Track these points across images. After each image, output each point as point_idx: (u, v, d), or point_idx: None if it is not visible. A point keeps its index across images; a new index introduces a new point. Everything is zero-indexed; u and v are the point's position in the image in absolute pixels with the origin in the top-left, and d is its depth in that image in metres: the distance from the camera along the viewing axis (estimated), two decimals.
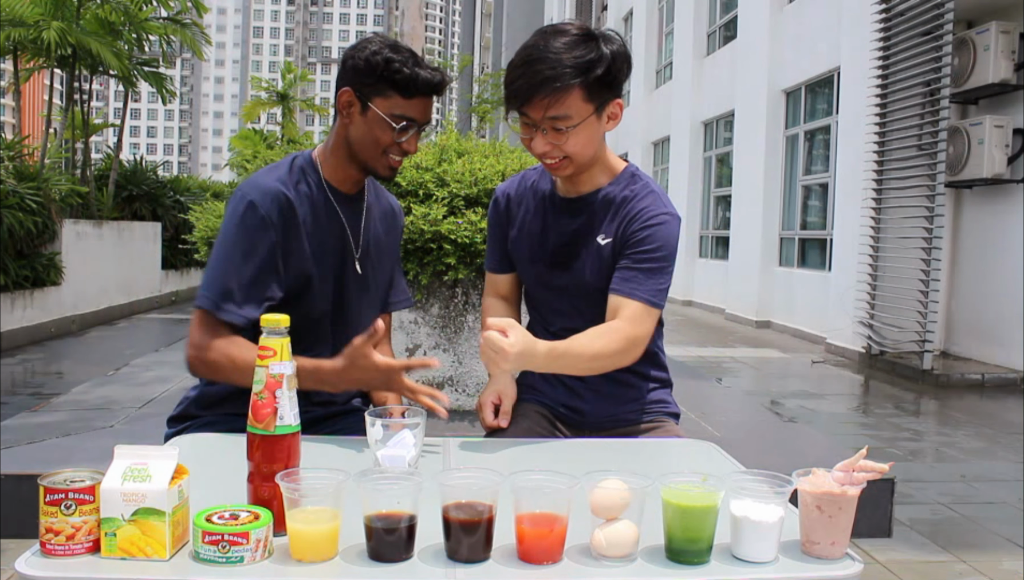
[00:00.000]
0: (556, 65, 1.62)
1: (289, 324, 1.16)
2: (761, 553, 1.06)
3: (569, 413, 1.87)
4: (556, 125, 1.66)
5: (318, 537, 1.02)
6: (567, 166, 1.72)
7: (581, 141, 1.68)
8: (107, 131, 32.17)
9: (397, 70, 1.69)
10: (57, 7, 9.96)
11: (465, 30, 51.57)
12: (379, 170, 1.77)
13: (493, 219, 1.97)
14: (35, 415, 4.24)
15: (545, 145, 1.68)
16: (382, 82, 1.70)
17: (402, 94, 1.70)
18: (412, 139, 1.75)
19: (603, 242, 1.77)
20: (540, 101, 1.64)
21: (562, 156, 1.70)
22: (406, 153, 1.76)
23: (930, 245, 7.05)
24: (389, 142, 1.72)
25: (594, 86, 1.65)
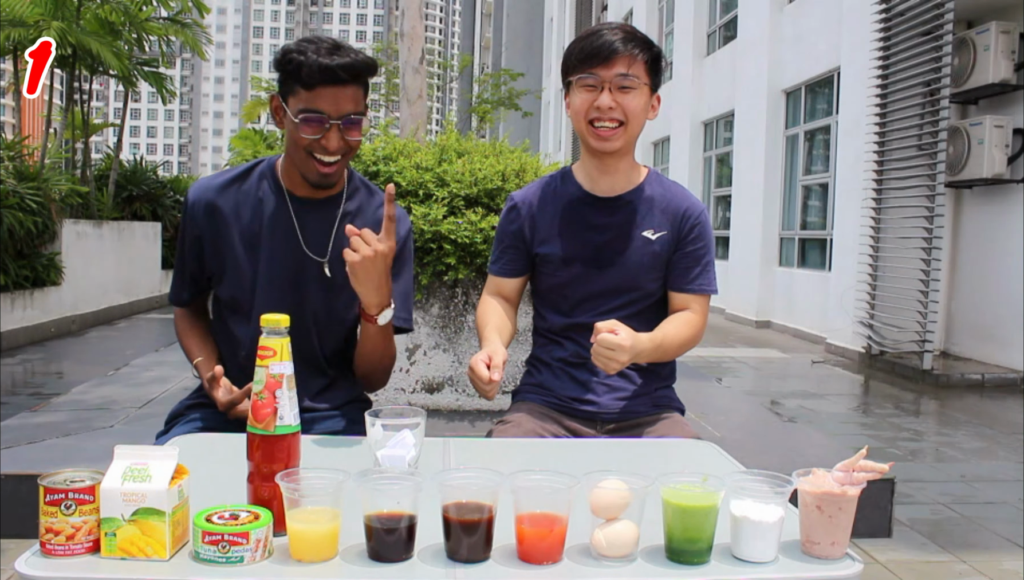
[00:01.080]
0: (633, 35, 1.83)
1: (289, 324, 1.16)
2: (761, 553, 1.06)
3: (582, 406, 1.90)
4: (624, 83, 1.80)
5: (318, 537, 1.02)
6: (619, 135, 1.83)
7: (640, 107, 1.83)
8: (107, 131, 32.16)
9: (292, 61, 1.64)
10: (57, 7, 9.96)
11: (465, 30, 51.54)
12: (309, 175, 1.72)
13: (509, 227, 1.97)
14: (35, 415, 4.24)
15: (611, 101, 1.81)
16: (288, 79, 1.67)
17: (303, 86, 1.64)
18: (330, 135, 1.66)
19: (653, 237, 1.89)
20: (623, 57, 1.79)
21: (620, 120, 1.82)
22: (329, 152, 1.67)
23: (930, 245, 7.05)
24: (306, 142, 1.67)
25: (653, 65, 1.85)
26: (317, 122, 1.65)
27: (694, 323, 1.90)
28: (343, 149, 1.70)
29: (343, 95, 1.65)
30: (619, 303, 1.89)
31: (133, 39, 11.48)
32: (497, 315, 1.93)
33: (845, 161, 8.77)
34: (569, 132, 18.24)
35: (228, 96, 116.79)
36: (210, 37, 13.40)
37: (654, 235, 1.89)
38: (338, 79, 1.63)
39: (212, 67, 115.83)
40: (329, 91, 1.64)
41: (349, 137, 1.69)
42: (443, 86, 57.49)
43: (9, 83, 11.78)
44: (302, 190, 1.78)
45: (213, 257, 1.81)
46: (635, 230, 1.89)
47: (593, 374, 1.88)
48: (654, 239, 1.89)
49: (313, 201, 1.79)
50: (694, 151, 14.28)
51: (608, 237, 1.89)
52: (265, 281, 1.77)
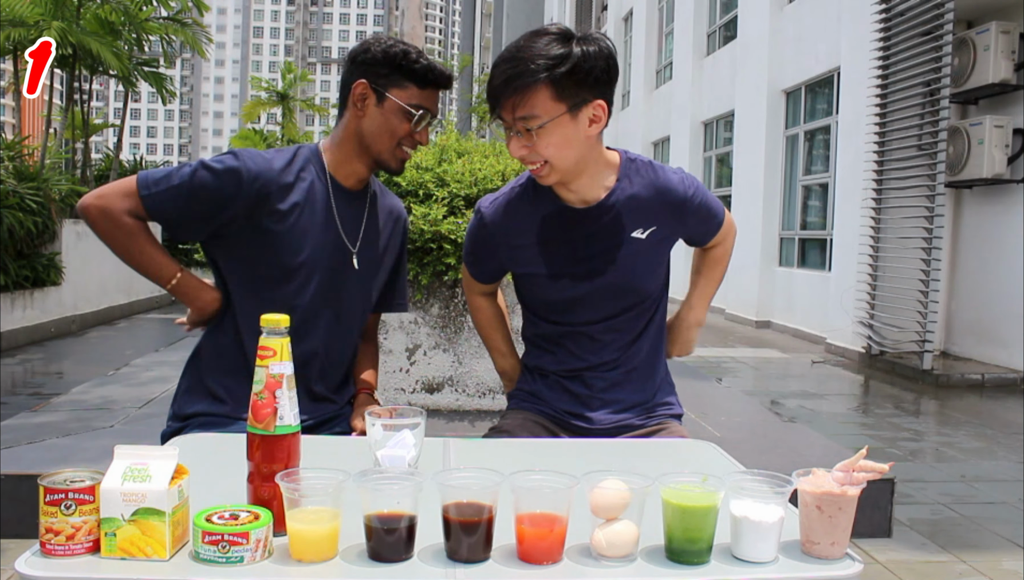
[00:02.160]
0: (522, 63, 1.59)
1: (289, 324, 1.16)
2: (761, 553, 1.06)
3: (575, 420, 1.85)
4: (526, 125, 1.62)
5: (318, 537, 1.02)
6: (549, 173, 1.67)
7: (554, 142, 1.63)
8: (107, 131, 32.19)
9: (414, 60, 1.75)
10: (57, 7, 9.96)
11: (465, 30, 51.53)
12: (391, 162, 1.80)
13: (481, 241, 1.89)
14: (35, 415, 4.24)
15: (520, 148, 1.65)
16: (398, 73, 1.75)
17: (418, 84, 1.76)
18: (425, 131, 1.80)
19: (643, 235, 1.79)
20: (508, 101, 1.62)
21: (541, 160, 1.65)
22: (418, 144, 1.81)
23: (930, 245, 7.05)
24: (405, 132, 1.77)
25: (562, 83, 1.59)
26: (422, 118, 1.78)
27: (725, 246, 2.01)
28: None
29: (438, 98, 1.83)
30: (614, 309, 1.83)
31: (133, 39, 11.48)
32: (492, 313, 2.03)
33: (845, 161, 8.77)
34: None
35: (228, 96, 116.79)
36: (210, 37, 13.41)
37: (644, 233, 1.78)
38: (445, 84, 1.82)
39: (212, 67, 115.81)
40: (436, 93, 1.80)
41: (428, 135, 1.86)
42: None
43: (9, 83, 11.78)
44: (349, 180, 1.84)
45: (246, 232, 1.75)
46: (623, 233, 1.77)
47: (587, 387, 1.84)
48: (644, 237, 1.78)
49: (350, 193, 1.85)
50: (694, 151, 14.28)
51: (595, 247, 1.78)
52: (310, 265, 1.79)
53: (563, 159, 1.65)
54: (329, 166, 1.82)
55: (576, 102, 1.62)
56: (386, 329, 3.70)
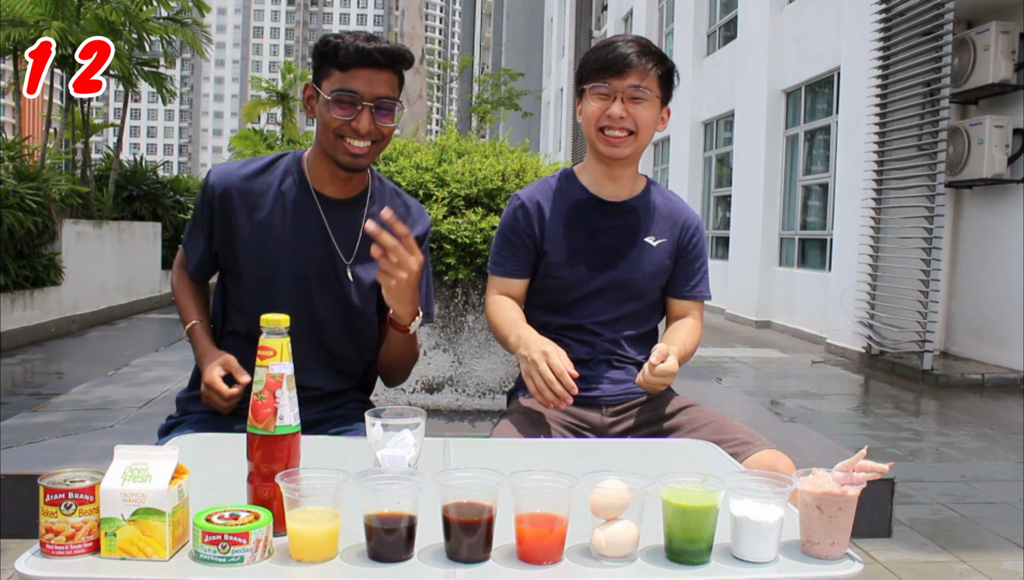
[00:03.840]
0: (648, 49, 1.88)
1: (289, 324, 1.16)
2: (761, 553, 1.06)
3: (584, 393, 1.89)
4: (637, 95, 1.86)
5: (318, 537, 1.02)
6: (629, 143, 1.89)
7: (651, 116, 1.89)
8: (107, 131, 32.18)
9: (329, 43, 1.69)
10: (57, 7, 9.96)
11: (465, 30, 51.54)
12: (338, 157, 1.73)
13: (516, 226, 1.96)
14: (35, 415, 4.24)
15: (622, 111, 1.86)
16: (324, 63, 1.71)
17: (339, 68, 1.68)
18: (362, 117, 1.68)
19: (655, 243, 1.97)
20: (633, 71, 1.84)
21: (630, 130, 1.87)
22: (359, 134, 1.69)
23: (930, 245, 7.05)
24: (337, 123, 1.69)
25: (665, 79, 1.90)
26: (350, 103, 1.68)
27: (696, 330, 2.01)
28: (374, 134, 1.71)
29: (377, 78, 1.69)
30: (617, 304, 1.95)
31: (133, 39, 11.48)
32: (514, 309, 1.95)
33: (845, 161, 8.77)
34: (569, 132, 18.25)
35: (228, 96, 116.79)
36: (210, 37, 13.41)
37: (655, 242, 1.97)
38: (374, 61, 1.67)
39: (212, 67, 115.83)
40: (364, 73, 1.67)
41: (381, 122, 1.71)
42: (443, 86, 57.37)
43: (9, 83, 11.78)
44: (330, 188, 1.79)
45: (223, 243, 1.80)
46: (638, 236, 1.96)
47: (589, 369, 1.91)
48: (655, 246, 1.97)
49: (340, 201, 1.80)
50: (694, 151, 14.28)
51: (612, 240, 1.95)
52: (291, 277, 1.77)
53: (646, 136, 1.91)
54: (309, 175, 1.80)
55: (665, 98, 1.93)
56: None
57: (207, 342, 1.82)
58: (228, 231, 1.78)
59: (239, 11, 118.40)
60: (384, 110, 1.71)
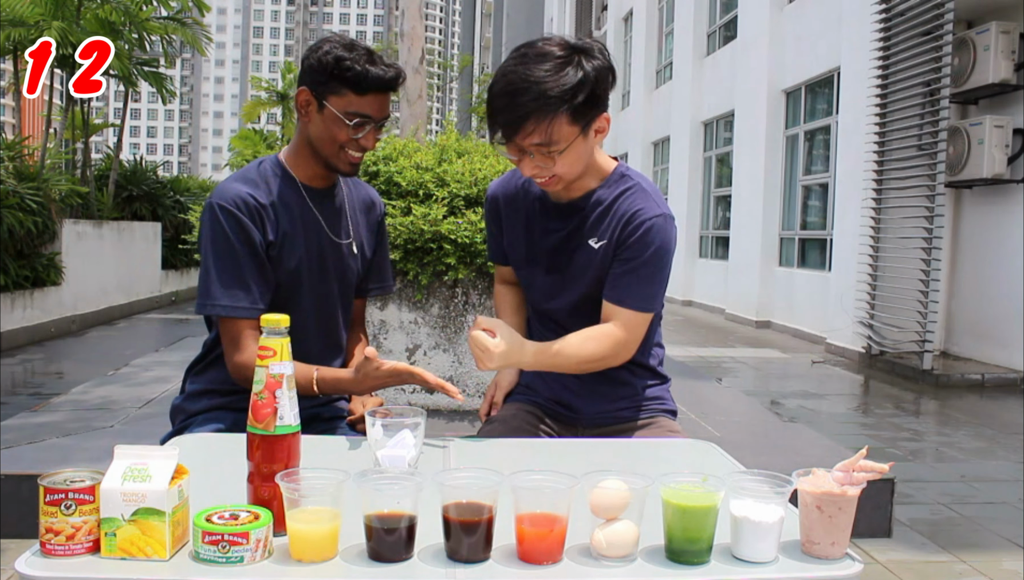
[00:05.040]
0: (539, 96, 1.58)
1: (289, 324, 1.16)
2: (761, 553, 1.06)
3: (563, 410, 1.88)
4: (543, 151, 1.63)
5: (318, 537, 1.02)
6: (557, 183, 1.70)
7: (569, 161, 1.66)
8: (107, 131, 32.19)
9: (348, 68, 1.72)
10: (57, 7, 9.96)
11: (465, 30, 51.55)
12: (339, 166, 1.81)
13: (489, 215, 1.99)
14: (35, 415, 4.24)
15: (534, 168, 1.67)
16: (335, 80, 1.73)
17: (355, 91, 1.73)
18: (369, 135, 1.78)
19: (596, 245, 1.76)
20: (525, 132, 1.61)
21: (551, 175, 1.68)
22: (364, 149, 1.80)
23: (930, 245, 7.04)
24: (346, 139, 1.76)
25: (579, 109, 1.61)
26: (362, 124, 1.76)
27: (608, 338, 1.71)
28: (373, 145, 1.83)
29: (385, 100, 1.78)
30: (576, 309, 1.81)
31: (134, 39, 11.47)
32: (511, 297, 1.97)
33: (845, 161, 8.77)
34: None
35: (228, 96, 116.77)
36: (210, 36, 13.40)
37: (596, 244, 1.76)
38: (387, 87, 1.76)
39: (212, 67, 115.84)
40: (378, 97, 1.76)
41: (378, 136, 1.83)
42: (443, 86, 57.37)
43: (9, 83, 11.78)
44: (316, 181, 1.86)
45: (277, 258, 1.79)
46: (582, 239, 1.77)
47: (577, 377, 1.82)
48: (596, 248, 1.76)
49: (322, 190, 1.87)
50: (694, 151, 14.28)
51: (558, 243, 1.80)
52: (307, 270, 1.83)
53: (573, 173, 1.70)
54: (295, 171, 1.84)
55: (588, 121, 1.65)
56: (386, 329, 3.70)
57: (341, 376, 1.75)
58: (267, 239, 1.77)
59: (239, 11, 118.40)
60: (382, 126, 1.82)
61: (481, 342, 1.57)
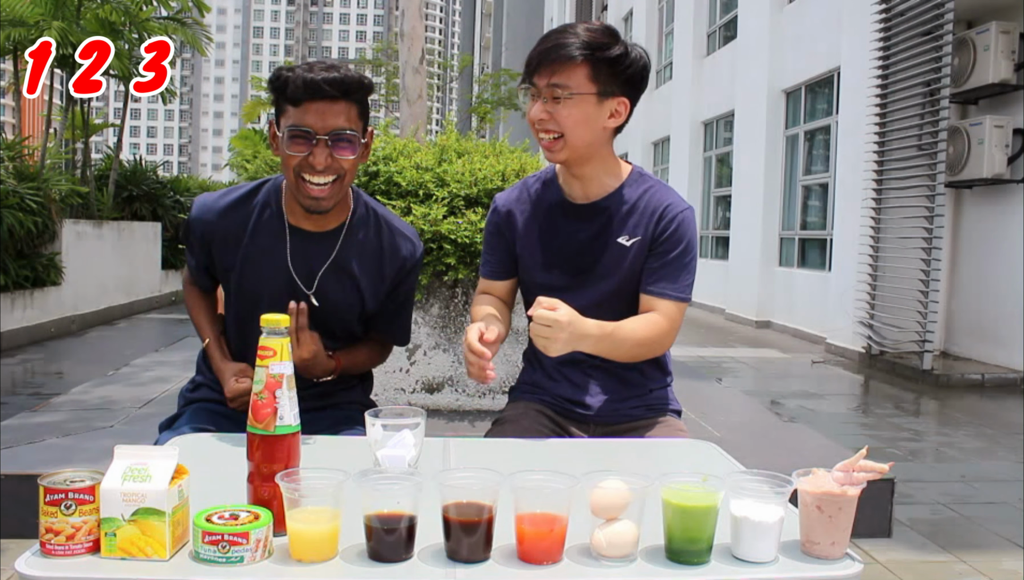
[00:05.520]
0: (570, 38, 1.68)
1: (289, 324, 1.16)
2: (761, 553, 1.06)
3: (572, 407, 1.88)
4: (555, 93, 1.68)
5: (318, 537, 1.02)
6: (562, 148, 1.72)
7: (574, 116, 1.69)
8: (107, 131, 32.16)
9: (280, 77, 1.63)
10: (57, 7, 9.95)
11: (465, 30, 51.55)
12: (300, 200, 1.68)
13: (493, 228, 1.93)
14: (35, 415, 4.24)
15: (541, 112, 1.71)
16: (279, 98, 1.65)
17: (291, 103, 1.62)
18: (317, 152, 1.61)
19: (628, 243, 1.79)
20: (546, 67, 1.68)
21: (557, 133, 1.71)
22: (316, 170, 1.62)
23: (930, 245, 7.04)
24: (295, 161, 1.63)
25: (601, 67, 1.68)
26: (303, 138, 1.61)
27: (657, 325, 1.75)
28: (333, 168, 1.64)
29: (331, 110, 1.61)
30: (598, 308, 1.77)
31: (134, 39, 11.47)
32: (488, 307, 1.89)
33: (845, 161, 8.77)
34: None
35: (228, 96, 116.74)
36: (210, 36, 13.40)
37: (628, 241, 1.79)
38: (324, 93, 1.59)
39: (212, 67, 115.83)
40: (316, 106, 1.61)
41: (339, 156, 1.63)
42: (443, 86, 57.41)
43: (9, 83, 11.77)
44: (306, 223, 1.76)
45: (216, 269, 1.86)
46: (610, 237, 1.79)
47: (586, 375, 1.86)
48: (628, 245, 1.79)
49: (313, 234, 1.76)
50: (694, 151, 14.28)
51: (584, 244, 1.81)
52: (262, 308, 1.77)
53: (577, 137, 1.71)
54: (285, 208, 1.77)
55: (606, 90, 1.70)
56: None
57: (220, 358, 1.83)
58: (213, 261, 1.83)
59: (239, 11, 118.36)
60: (343, 142, 1.63)
61: (549, 317, 1.55)
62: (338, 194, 1.69)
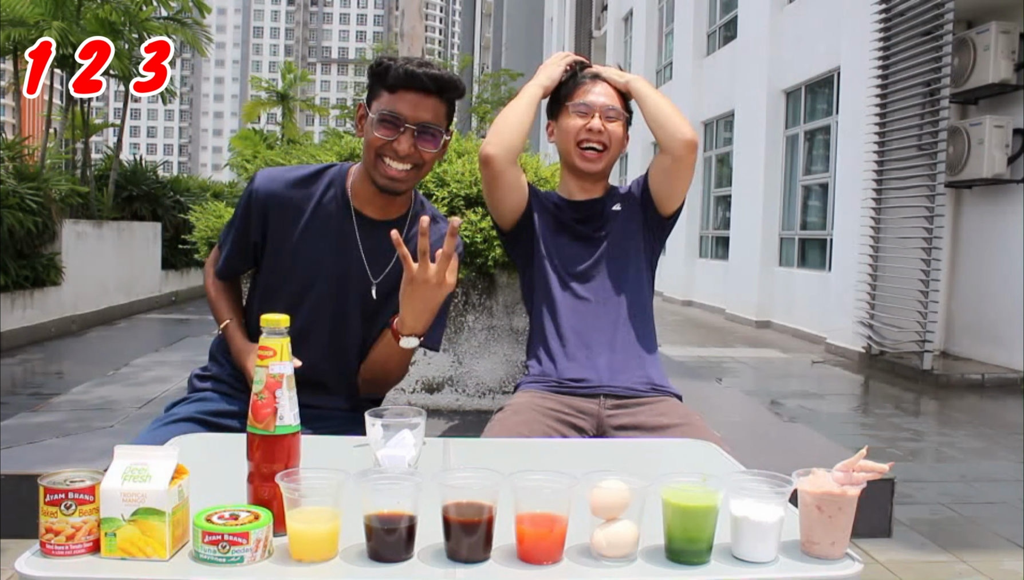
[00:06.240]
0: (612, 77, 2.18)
1: (289, 324, 1.16)
2: (761, 553, 1.06)
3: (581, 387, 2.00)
4: (610, 114, 2.11)
5: (318, 537, 1.02)
6: (603, 158, 2.12)
7: (620, 135, 2.14)
8: (107, 131, 32.19)
9: (382, 64, 1.71)
10: (57, 7, 9.96)
11: (465, 30, 51.56)
12: (376, 178, 1.74)
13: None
14: (35, 415, 4.24)
15: (601, 125, 2.10)
16: (377, 84, 1.73)
17: (387, 89, 1.70)
18: (403, 139, 1.69)
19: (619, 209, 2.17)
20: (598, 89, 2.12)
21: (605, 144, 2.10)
22: (399, 156, 1.70)
23: (930, 245, 7.05)
24: (380, 143, 1.70)
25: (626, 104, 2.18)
26: (392, 124, 1.69)
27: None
28: (414, 157, 1.72)
29: (423, 103, 1.70)
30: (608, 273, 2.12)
31: (134, 39, 11.47)
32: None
33: (845, 161, 8.77)
34: None
35: (228, 96, 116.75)
36: (210, 36, 13.40)
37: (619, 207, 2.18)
38: (422, 86, 1.69)
39: (212, 67, 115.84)
40: (410, 96, 1.69)
41: (422, 147, 1.72)
42: None
43: (9, 83, 11.78)
44: (369, 208, 1.79)
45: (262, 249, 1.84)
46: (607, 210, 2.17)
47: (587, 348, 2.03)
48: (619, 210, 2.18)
49: (377, 222, 1.79)
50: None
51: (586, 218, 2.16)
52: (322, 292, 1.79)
53: (615, 152, 2.15)
54: (351, 192, 1.80)
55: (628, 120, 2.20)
56: None
57: (241, 339, 1.83)
58: (267, 237, 1.80)
59: (239, 11, 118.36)
60: (427, 135, 1.71)
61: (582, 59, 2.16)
62: (414, 181, 1.77)
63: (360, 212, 1.80)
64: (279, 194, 1.79)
